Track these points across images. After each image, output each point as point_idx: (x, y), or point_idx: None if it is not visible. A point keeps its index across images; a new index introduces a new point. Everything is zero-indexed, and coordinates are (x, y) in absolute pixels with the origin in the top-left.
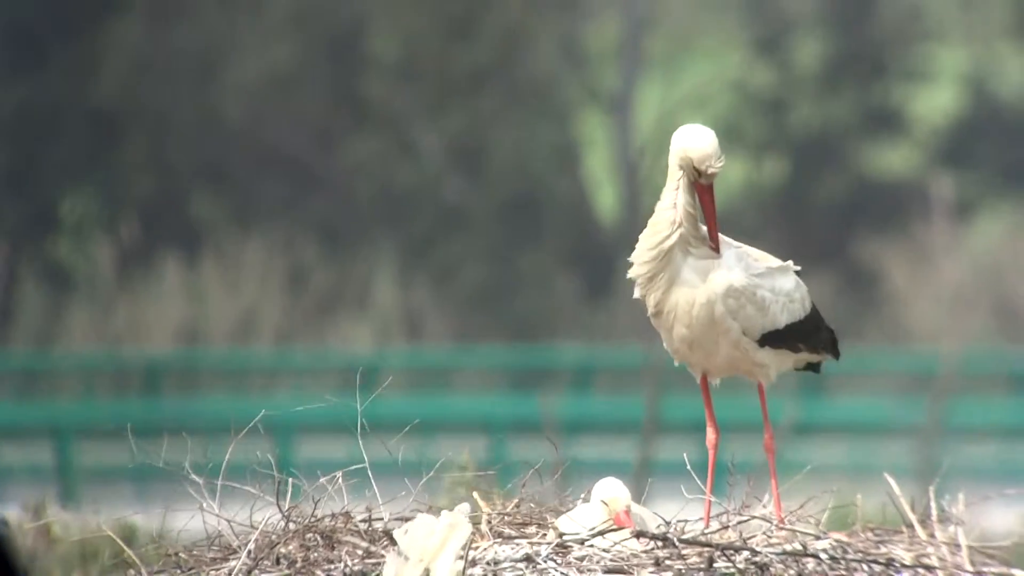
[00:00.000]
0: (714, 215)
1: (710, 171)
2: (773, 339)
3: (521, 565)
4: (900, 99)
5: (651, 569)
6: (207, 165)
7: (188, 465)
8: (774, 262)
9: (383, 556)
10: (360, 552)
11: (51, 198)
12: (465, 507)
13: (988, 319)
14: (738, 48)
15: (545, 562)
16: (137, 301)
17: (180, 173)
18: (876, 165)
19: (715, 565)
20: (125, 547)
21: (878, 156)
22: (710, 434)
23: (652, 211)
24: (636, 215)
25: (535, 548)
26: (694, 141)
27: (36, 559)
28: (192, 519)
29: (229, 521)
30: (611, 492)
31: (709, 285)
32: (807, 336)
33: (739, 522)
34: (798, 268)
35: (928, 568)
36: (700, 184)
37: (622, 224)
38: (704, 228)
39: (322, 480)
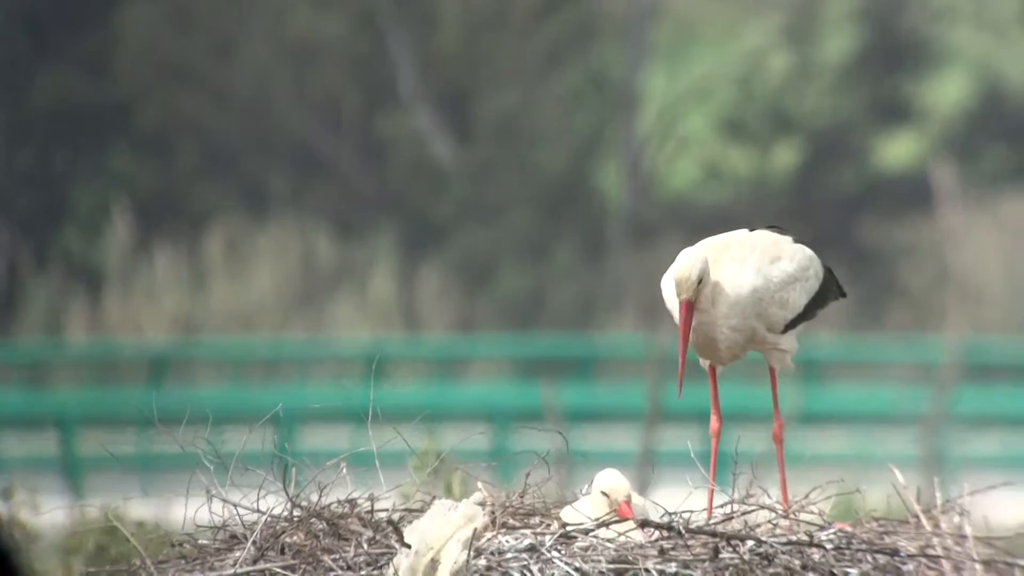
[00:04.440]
0: (686, 334)
1: (680, 295)
2: (795, 321)
3: (525, 555)
4: (912, 89)
5: (656, 559)
6: (214, 152)
7: (198, 452)
8: (781, 243)
9: (388, 545)
10: (365, 540)
11: (57, 188)
12: (478, 497)
13: (997, 308)
14: (746, 37)
15: (549, 552)
16: (140, 291)
17: (186, 160)
18: (887, 155)
19: (720, 555)
20: (129, 538)
21: (889, 146)
22: (713, 422)
23: (657, 200)
24: (641, 203)
25: (539, 538)
26: (675, 266)
27: (32, 550)
28: (203, 514)
29: (235, 506)
30: (610, 482)
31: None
32: (823, 299)
33: (744, 512)
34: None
35: (933, 558)
36: (680, 300)
37: (627, 212)
38: (713, 287)
39: (328, 464)
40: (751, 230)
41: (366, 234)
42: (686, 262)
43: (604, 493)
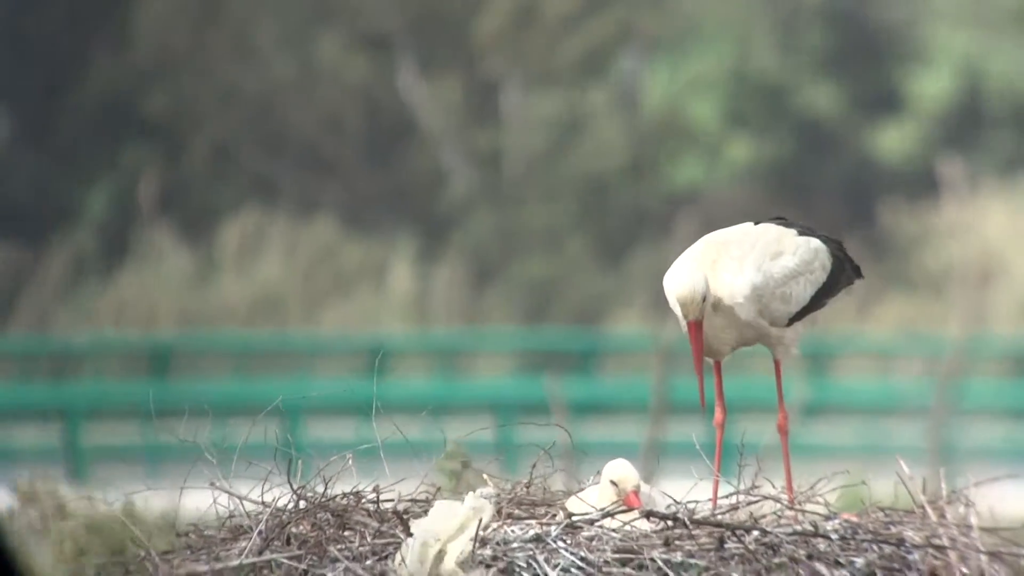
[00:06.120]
0: (698, 352)
1: (688, 317)
2: (801, 314)
3: (531, 545)
4: (901, 81)
5: (661, 549)
6: (224, 147)
7: (202, 444)
8: (784, 238)
9: (393, 535)
10: (371, 532)
11: (68, 181)
12: (488, 491)
13: (994, 302)
14: (744, 31)
15: (555, 542)
16: (148, 283)
17: (196, 154)
18: (878, 146)
19: (726, 545)
20: (134, 529)
21: (880, 137)
22: (717, 414)
23: (659, 196)
24: (643, 192)
25: (545, 528)
26: (674, 286)
27: (36, 542)
28: (207, 505)
29: (241, 499)
30: (620, 472)
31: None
32: (831, 289)
33: (749, 502)
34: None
35: (938, 549)
36: (688, 321)
37: (630, 204)
38: (714, 296)
39: (333, 458)
40: (756, 223)
41: (378, 229)
42: (687, 286)
43: (613, 483)
